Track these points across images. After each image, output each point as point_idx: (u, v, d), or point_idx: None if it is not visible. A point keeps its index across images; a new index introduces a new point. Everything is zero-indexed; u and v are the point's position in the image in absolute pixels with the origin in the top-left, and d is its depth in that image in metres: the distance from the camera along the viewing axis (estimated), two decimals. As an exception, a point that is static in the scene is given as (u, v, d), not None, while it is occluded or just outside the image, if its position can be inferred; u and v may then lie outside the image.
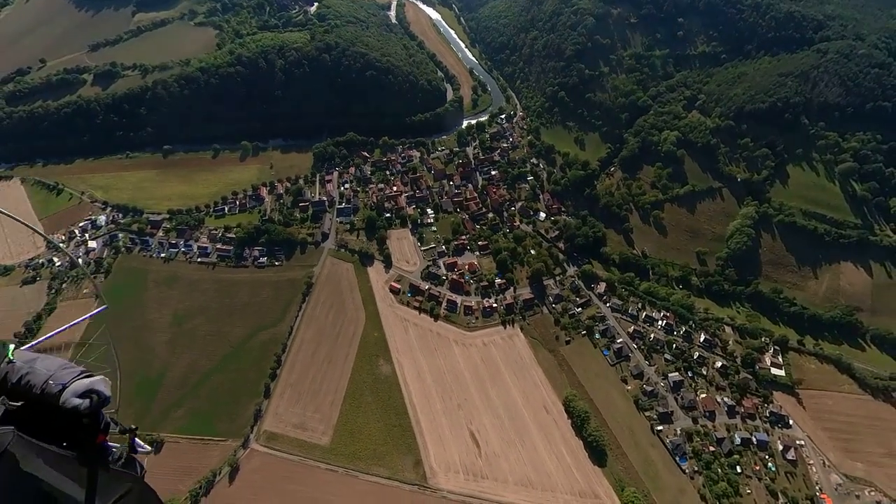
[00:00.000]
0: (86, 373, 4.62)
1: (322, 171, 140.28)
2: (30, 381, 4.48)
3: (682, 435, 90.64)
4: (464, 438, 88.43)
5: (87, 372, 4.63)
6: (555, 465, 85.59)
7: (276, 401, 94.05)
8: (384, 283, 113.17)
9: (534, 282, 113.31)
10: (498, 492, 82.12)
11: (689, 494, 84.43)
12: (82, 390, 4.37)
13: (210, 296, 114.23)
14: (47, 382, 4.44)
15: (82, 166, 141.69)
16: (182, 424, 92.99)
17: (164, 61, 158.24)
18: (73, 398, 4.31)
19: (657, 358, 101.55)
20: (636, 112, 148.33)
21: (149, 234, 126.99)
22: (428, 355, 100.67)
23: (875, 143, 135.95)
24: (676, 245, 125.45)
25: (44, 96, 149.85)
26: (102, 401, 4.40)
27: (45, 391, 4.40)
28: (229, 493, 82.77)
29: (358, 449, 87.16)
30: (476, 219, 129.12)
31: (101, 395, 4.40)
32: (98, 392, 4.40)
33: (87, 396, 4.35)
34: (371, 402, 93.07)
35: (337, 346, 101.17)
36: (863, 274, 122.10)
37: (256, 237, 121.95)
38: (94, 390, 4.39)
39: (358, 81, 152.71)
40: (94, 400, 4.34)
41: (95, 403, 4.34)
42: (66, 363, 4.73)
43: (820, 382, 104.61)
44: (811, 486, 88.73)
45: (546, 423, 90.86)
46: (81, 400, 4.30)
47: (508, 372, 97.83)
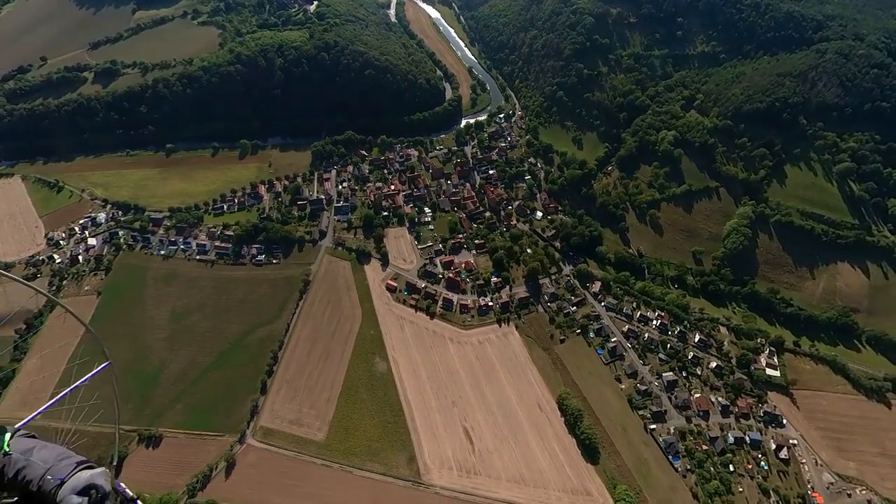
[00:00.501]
0: (85, 464, 4.40)
1: (320, 170, 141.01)
2: (26, 475, 4.29)
3: (676, 434, 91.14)
4: (458, 435, 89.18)
5: (87, 462, 4.41)
6: (547, 463, 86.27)
7: (272, 397, 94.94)
8: (381, 281, 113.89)
9: (529, 280, 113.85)
10: (491, 488, 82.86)
11: (681, 492, 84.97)
12: (81, 486, 4.15)
13: (208, 293, 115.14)
14: (44, 478, 4.23)
15: (83, 164, 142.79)
16: (180, 419, 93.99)
17: (164, 59, 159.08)
18: (72, 496, 4.08)
19: (651, 357, 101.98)
20: (634, 112, 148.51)
21: (150, 231, 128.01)
22: (423, 353, 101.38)
23: (873, 144, 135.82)
24: (672, 244, 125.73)
25: (45, 94, 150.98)
26: (101, 497, 4.15)
27: (42, 488, 4.20)
28: (225, 488, 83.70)
29: (353, 445, 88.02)
30: (473, 218, 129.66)
31: (99, 490, 4.16)
32: (97, 487, 4.17)
33: (86, 493, 4.13)
34: (366, 398, 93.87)
35: (333, 344, 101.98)
36: (860, 275, 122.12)
37: (254, 235, 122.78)
38: (93, 485, 4.16)
39: (357, 80, 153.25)
40: (93, 496, 4.12)
41: (94, 500, 4.11)
42: (63, 452, 4.52)
43: (814, 383, 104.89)
44: (803, 485, 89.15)
45: (539, 420, 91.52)
46: (80, 499, 4.07)
47: (503, 370, 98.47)
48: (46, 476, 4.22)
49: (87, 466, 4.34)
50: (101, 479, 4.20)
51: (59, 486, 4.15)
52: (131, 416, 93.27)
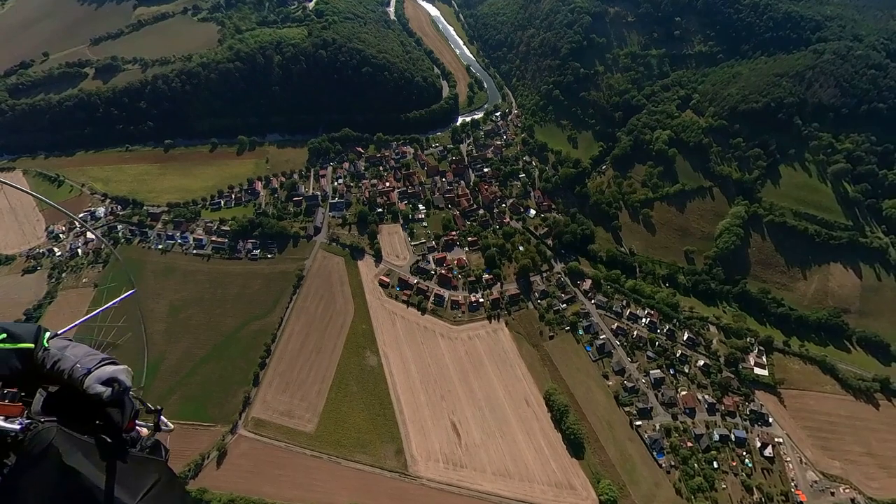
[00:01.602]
0: (109, 359, 4.73)
1: (317, 166, 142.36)
2: (60, 366, 4.68)
3: (661, 430, 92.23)
4: (445, 429, 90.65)
5: (111, 359, 4.75)
6: (533, 457, 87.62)
7: (264, 389, 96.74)
8: (374, 277, 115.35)
9: (520, 278, 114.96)
10: (476, 481, 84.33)
11: (665, 488, 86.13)
12: (105, 377, 4.48)
13: (204, 287, 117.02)
14: (74, 367, 4.62)
15: (83, 159, 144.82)
16: (175, 410, 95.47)
17: (164, 56, 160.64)
18: (97, 385, 4.43)
19: (639, 355, 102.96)
20: (630, 111, 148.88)
21: (148, 225, 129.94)
22: (414, 348, 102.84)
23: (869, 145, 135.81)
24: (665, 243, 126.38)
25: (46, 89, 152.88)
26: (123, 390, 4.49)
27: (72, 376, 4.59)
28: (217, 476, 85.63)
29: (342, 437, 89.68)
30: (467, 215, 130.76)
31: (122, 384, 4.48)
32: (119, 381, 4.49)
33: (110, 385, 4.45)
34: (356, 391, 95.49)
35: (325, 338, 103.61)
36: (852, 276, 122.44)
37: (250, 230, 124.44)
38: (115, 379, 4.48)
39: (354, 78, 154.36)
40: (115, 388, 4.44)
41: (117, 392, 4.44)
42: (91, 350, 4.91)
43: (802, 382, 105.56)
44: (787, 483, 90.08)
45: (526, 415, 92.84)
46: (104, 388, 4.41)
47: (492, 365, 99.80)
48: (77, 365, 4.61)
49: (112, 362, 4.70)
50: (123, 375, 4.54)
51: (87, 374, 4.51)
52: None
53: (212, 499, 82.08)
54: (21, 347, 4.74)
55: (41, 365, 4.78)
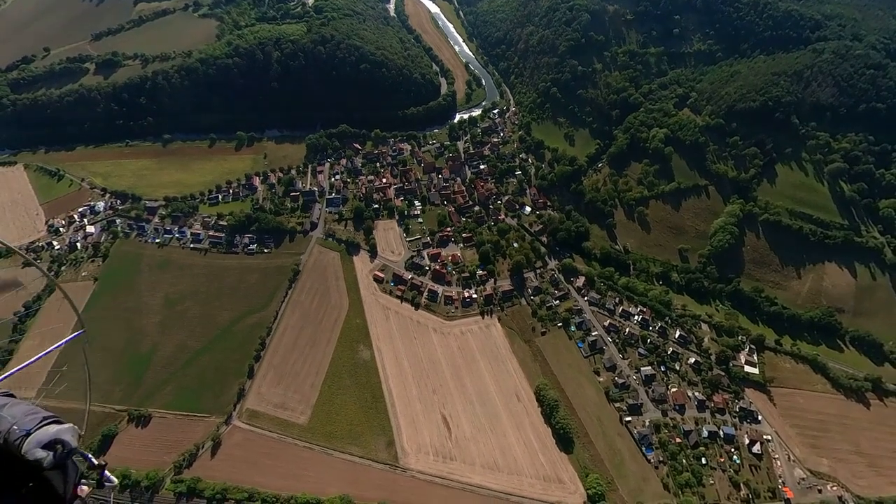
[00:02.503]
0: (51, 418, 4.32)
1: (314, 162, 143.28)
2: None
3: (650, 426, 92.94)
4: (436, 422, 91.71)
5: (53, 417, 4.33)
6: (522, 451, 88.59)
7: (258, 381, 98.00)
8: (368, 272, 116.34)
9: (514, 274, 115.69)
10: (465, 474, 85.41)
11: (653, 483, 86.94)
12: (46, 440, 4.09)
13: (201, 280, 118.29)
14: (11, 429, 4.20)
15: (83, 153, 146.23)
16: (169, 400, 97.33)
17: (164, 51, 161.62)
18: (37, 450, 4.03)
19: (631, 352, 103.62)
20: (627, 109, 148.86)
21: (146, 220, 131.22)
22: (407, 342, 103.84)
23: (866, 145, 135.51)
24: (659, 242, 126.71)
25: (47, 84, 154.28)
26: (68, 452, 4.10)
27: (7, 439, 4.18)
28: (210, 466, 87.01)
29: (334, 429, 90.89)
30: (462, 211, 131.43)
31: (66, 445, 4.10)
32: (64, 442, 4.11)
33: (52, 448, 4.06)
34: (349, 385, 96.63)
35: (320, 331, 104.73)
36: (847, 275, 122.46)
37: (247, 225, 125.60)
38: (59, 440, 4.10)
39: (352, 74, 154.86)
40: (58, 451, 4.05)
41: (60, 455, 4.05)
42: (31, 408, 4.49)
43: (793, 381, 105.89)
44: (774, 480, 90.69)
45: (517, 410, 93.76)
46: (45, 452, 4.01)
47: (483, 360, 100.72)
48: (13, 427, 4.19)
49: (54, 421, 4.28)
50: (67, 435, 4.15)
51: (24, 437, 4.11)
52: (122, 396, 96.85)
53: (205, 488, 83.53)
54: None
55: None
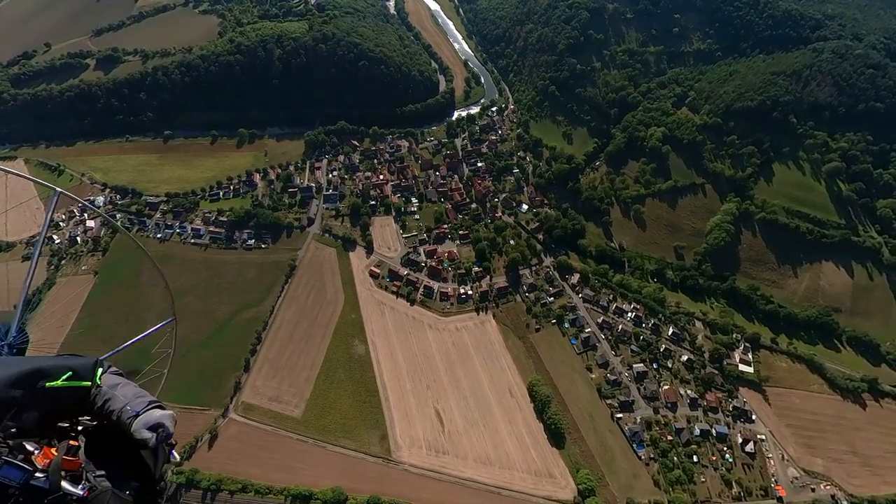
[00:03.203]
0: (156, 403, 4.77)
1: (312, 159, 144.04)
2: (110, 406, 4.71)
3: (642, 423, 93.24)
4: (429, 417, 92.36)
5: (158, 402, 4.80)
6: (514, 446, 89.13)
7: (254, 374, 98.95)
8: (364, 268, 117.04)
9: (510, 271, 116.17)
10: (458, 468, 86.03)
11: (643, 479, 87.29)
12: (152, 423, 4.51)
13: (200, 275, 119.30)
14: (124, 408, 4.63)
15: (83, 149, 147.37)
16: (174, 394, 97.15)
17: (165, 47, 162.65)
18: (144, 430, 4.46)
19: (623, 349, 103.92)
20: (625, 108, 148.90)
21: (147, 215, 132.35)
22: (402, 338, 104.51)
23: (865, 144, 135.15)
24: (655, 239, 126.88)
25: (48, 79, 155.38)
26: (166, 436, 4.54)
27: (120, 418, 4.60)
28: (208, 457, 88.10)
29: (328, 422, 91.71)
30: (459, 209, 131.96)
31: (166, 430, 4.53)
32: (164, 427, 4.53)
33: (155, 430, 4.48)
34: (344, 379, 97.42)
35: (315, 326, 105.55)
36: (843, 274, 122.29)
37: (246, 221, 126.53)
38: (161, 424, 4.52)
39: (351, 71, 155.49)
40: (160, 434, 4.47)
41: (161, 438, 4.47)
42: (140, 391, 4.95)
43: (789, 381, 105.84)
44: (767, 478, 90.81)
45: (509, 405, 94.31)
46: (150, 434, 4.43)
47: (478, 356, 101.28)
48: (126, 407, 4.63)
49: (159, 406, 4.76)
50: (168, 421, 4.60)
51: (134, 417, 4.55)
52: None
53: (202, 479, 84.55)
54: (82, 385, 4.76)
55: (92, 402, 4.80)
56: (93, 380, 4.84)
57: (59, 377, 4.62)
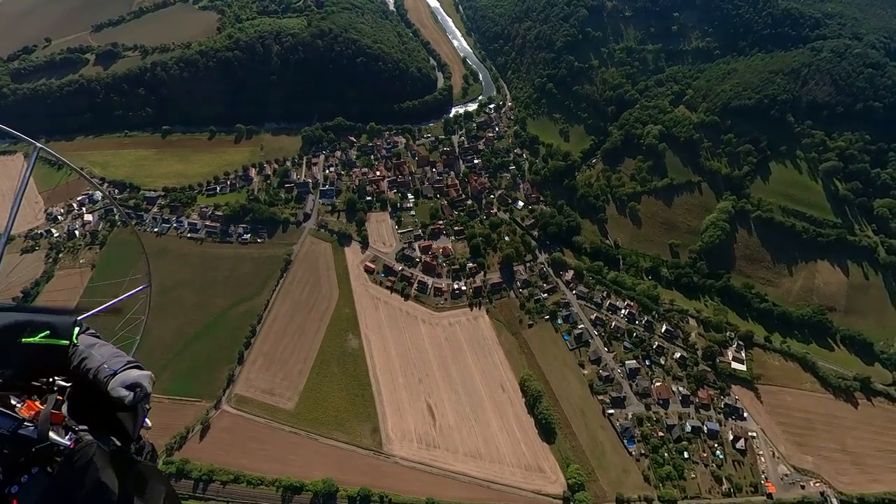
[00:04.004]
0: (133, 363, 4.71)
1: (309, 154, 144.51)
2: (86, 364, 4.66)
3: (633, 419, 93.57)
4: (421, 411, 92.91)
5: (135, 363, 4.73)
6: (505, 440, 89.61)
7: (248, 367, 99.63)
8: (359, 263, 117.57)
9: (504, 267, 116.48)
10: (448, 461, 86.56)
11: (633, 474, 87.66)
12: (130, 382, 4.45)
13: (196, 269, 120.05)
14: (101, 367, 4.58)
15: (82, 143, 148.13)
16: (166, 385, 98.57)
17: (164, 43, 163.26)
18: (121, 388, 4.40)
19: (616, 345, 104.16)
20: (623, 106, 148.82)
21: (144, 209, 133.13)
22: (395, 332, 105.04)
23: (863, 144, 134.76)
24: (650, 237, 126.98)
25: (47, 74, 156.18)
26: (144, 396, 4.47)
27: (97, 376, 4.54)
28: (199, 448, 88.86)
29: (320, 415, 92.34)
30: (455, 205, 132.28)
31: (143, 389, 4.46)
32: (142, 386, 4.47)
33: (132, 389, 4.42)
34: (337, 372, 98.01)
35: (309, 320, 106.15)
36: (839, 273, 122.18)
37: (242, 215, 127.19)
38: (138, 384, 4.46)
39: (349, 67, 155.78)
40: (137, 393, 4.41)
41: (138, 397, 4.41)
42: (117, 351, 4.90)
43: (781, 379, 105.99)
44: (757, 475, 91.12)
45: (501, 400, 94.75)
46: (127, 392, 4.38)
47: (470, 351, 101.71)
48: (103, 366, 4.58)
49: (136, 366, 4.70)
50: (146, 380, 4.54)
51: (112, 376, 4.49)
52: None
53: (193, 469, 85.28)
54: (60, 343, 4.72)
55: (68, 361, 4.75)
56: (70, 339, 4.79)
57: (37, 334, 4.59)
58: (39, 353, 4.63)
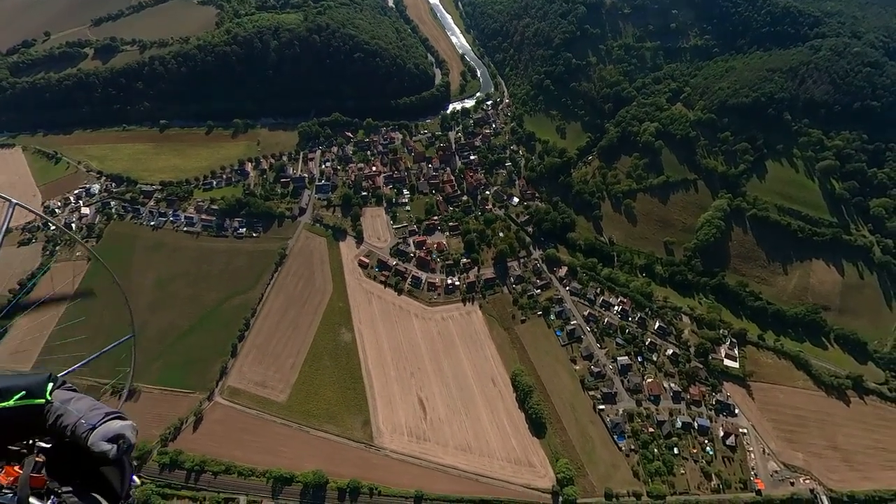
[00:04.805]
0: (114, 414, 4.55)
1: (306, 150, 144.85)
2: (63, 421, 4.50)
3: (624, 415, 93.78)
4: (412, 404, 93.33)
5: (116, 413, 4.58)
6: (495, 434, 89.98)
7: (241, 360, 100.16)
8: (354, 258, 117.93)
9: (498, 263, 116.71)
10: (438, 454, 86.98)
11: (623, 470, 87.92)
12: (111, 434, 4.31)
13: (191, 262, 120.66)
14: (78, 422, 4.43)
15: (80, 137, 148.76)
16: (158, 376, 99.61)
17: (162, 37, 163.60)
18: (102, 442, 4.25)
19: (609, 341, 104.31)
20: (620, 103, 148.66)
21: (141, 203, 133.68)
22: (388, 326, 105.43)
23: (860, 143, 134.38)
24: (645, 234, 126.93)
25: (46, 68, 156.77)
26: (128, 447, 4.32)
27: (75, 432, 4.40)
28: (192, 439, 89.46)
29: (312, 407, 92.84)
30: (450, 201, 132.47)
31: (127, 441, 4.32)
32: (125, 438, 4.33)
33: (115, 442, 4.28)
34: (329, 366, 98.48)
35: (302, 314, 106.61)
36: (834, 273, 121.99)
37: (238, 209, 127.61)
38: (121, 435, 4.31)
39: (346, 63, 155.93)
40: (120, 446, 4.28)
41: (122, 449, 4.27)
42: (95, 403, 4.72)
43: (774, 376, 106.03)
44: (747, 471, 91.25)
45: (492, 394, 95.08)
46: (110, 445, 4.23)
47: (462, 346, 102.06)
48: (80, 421, 4.43)
49: (117, 417, 4.54)
50: (129, 431, 4.41)
51: (91, 430, 4.33)
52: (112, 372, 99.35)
53: (185, 460, 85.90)
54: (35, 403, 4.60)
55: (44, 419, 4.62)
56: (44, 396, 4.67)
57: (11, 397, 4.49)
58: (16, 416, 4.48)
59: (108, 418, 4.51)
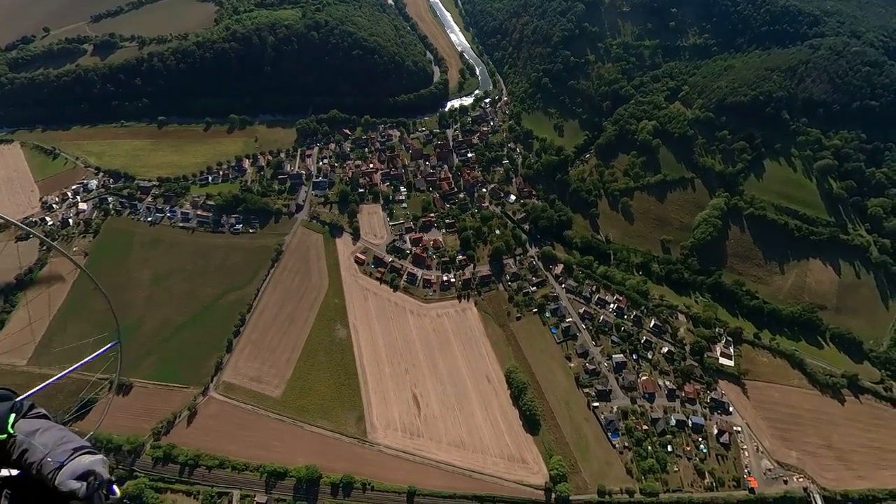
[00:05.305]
0: (83, 449, 4.29)
1: (304, 146, 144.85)
2: (28, 458, 4.27)
3: (618, 412, 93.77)
4: (406, 400, 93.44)
5: (86, 448, 4.30)
6: (489, 430, 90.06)
7: (236, 355, 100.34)
8: (350, 254, 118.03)
9: (493, 260, 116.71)
10: (431, 450, 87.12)
11: (616, 467, 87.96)
12: (80, 471, 4.06)
13: (188, 258, 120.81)
14: (44, 460, 4.19)
15: (78, 133, 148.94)
16: (151, 371, 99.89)
17: (161, 34, 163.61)
18: (70, 481, 4.00)
19: (604, 339, 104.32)
20: (618, 101, 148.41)
21: (138, 198, 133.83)
22: (383, 323, 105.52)
23: (858, 142, 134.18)
24: (642, 232, 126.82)
25: (45, 64, 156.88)
26: (99, 484, 4.04)
27: (41, 470, 4.16)
28: (186, 434, 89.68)
29: (306, 403, 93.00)
30: (447, 198, 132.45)
31: (98, 477, 4.07)
32: (96, 473, 4.08)
33: (84, 479, 4.03)
34: (324, 361, 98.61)
35: (298, 310, 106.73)
36: (830, 272, 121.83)
37: (235, 205, 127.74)
38: (92, 472, 4.07)
39: (345, 60, 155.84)
40: (91, 483, 4.01)
41: (93, 486, 4.00)
42: (63, 436, 4.44)
43: (769, 375, 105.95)
44: (740, 469, 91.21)
45: (486, 391, 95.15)
46: (79, 484, 3.97)
47: (457, 342, 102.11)
48: (46, 459, 4.19)
49: (87, 452, 4.28)
50: (99, 466, 4.15)
51: (58, 470, 4.09)
52: (107, 366, 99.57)
53: (179, 454, 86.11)
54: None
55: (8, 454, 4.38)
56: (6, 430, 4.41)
57: None
58: None
59: (76, 455, 4.23)
